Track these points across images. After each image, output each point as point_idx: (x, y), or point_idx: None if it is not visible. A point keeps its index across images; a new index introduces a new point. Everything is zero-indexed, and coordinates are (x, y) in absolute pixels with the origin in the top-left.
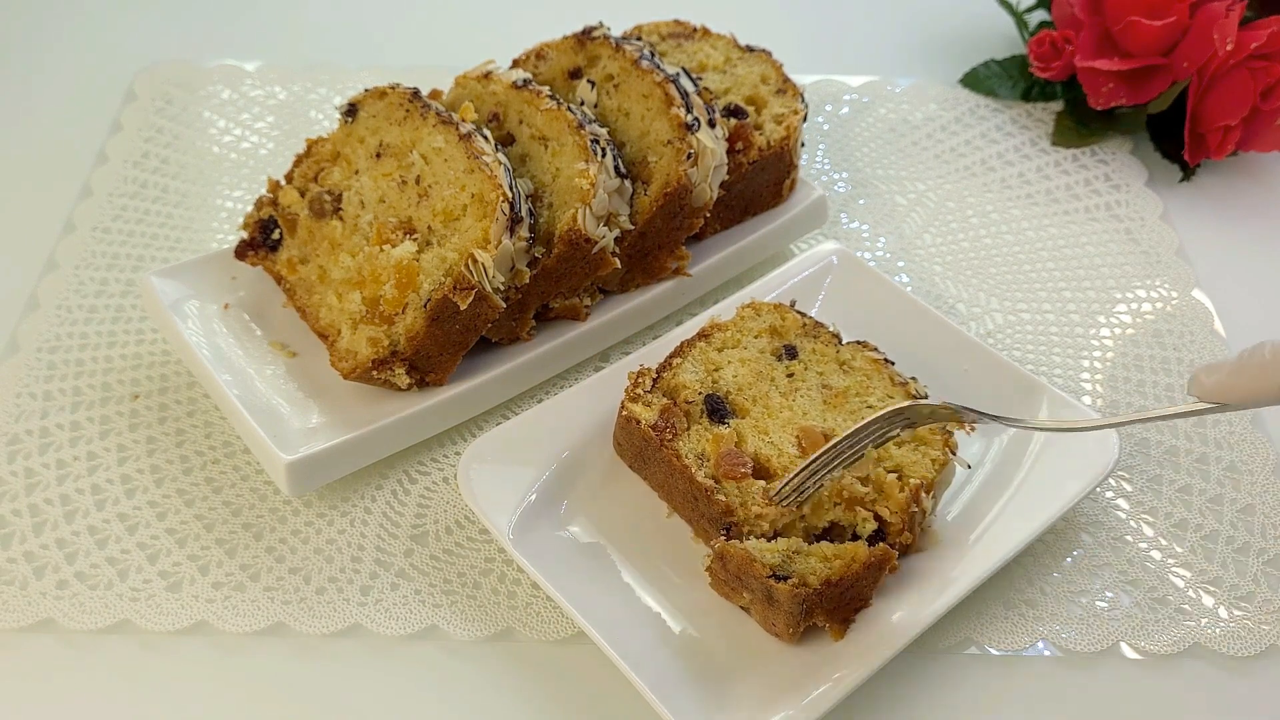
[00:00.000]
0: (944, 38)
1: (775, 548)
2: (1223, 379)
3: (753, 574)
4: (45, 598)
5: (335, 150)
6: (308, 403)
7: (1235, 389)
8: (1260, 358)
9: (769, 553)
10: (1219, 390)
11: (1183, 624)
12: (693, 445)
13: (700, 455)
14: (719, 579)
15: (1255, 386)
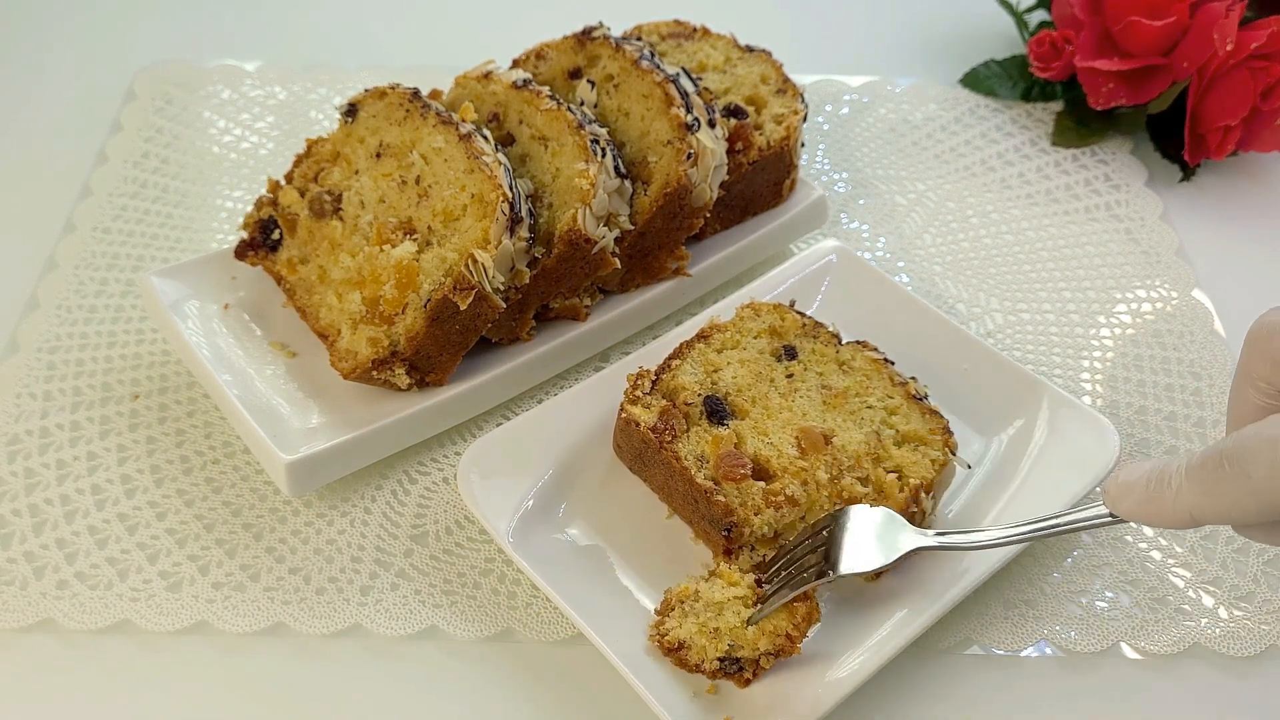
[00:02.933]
0: (944, 38)
1: (718, 645)
2: (1132, 505)
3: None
4: (45, 598)
5: (335, 150)
6: (308, 403)
7: (1143, 514)
8: (1165, 485)
9: (711, 650)
10: (1129, 513)
11: (1183, 624)
12: (692, 447)
13: (700, 457)
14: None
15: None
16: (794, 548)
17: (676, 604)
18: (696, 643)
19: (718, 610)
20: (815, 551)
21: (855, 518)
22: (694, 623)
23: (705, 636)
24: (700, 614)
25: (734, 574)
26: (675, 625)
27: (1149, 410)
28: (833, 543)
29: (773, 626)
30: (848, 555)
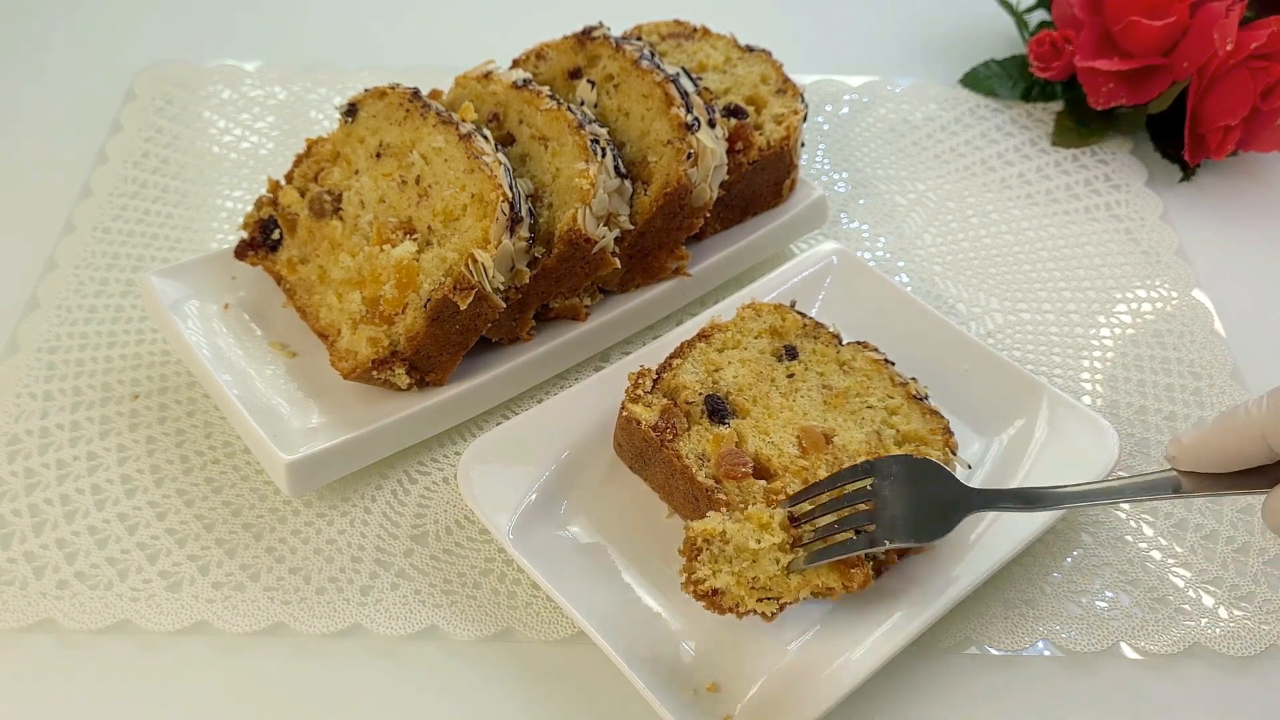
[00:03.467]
0: (944, 38)
1: (756, 594)
2: (1201, 436)
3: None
4: (45, 598)
5: (335, 150)
6: (308, 403)
7: (1212, 444)
8: (1236, 413)
9: (749, 599)
10: (1196, 447)
11: (1183, 624)
12: (693, 445)
13: (701, 455)
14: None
15: (1233, 439)
16: (832, 485)
17: (703, 545)
18: (734, 591)
19: (752, 558)
20: (863, 503)
21: (904, 471)
22: (729, 573)
23: (743, 587)
24: (734, 562)
25: (764, 515)
26: (709, 574)
27: (1149, 410)
28: (884, 502)
29: (819, 579)
30: (904, 521)
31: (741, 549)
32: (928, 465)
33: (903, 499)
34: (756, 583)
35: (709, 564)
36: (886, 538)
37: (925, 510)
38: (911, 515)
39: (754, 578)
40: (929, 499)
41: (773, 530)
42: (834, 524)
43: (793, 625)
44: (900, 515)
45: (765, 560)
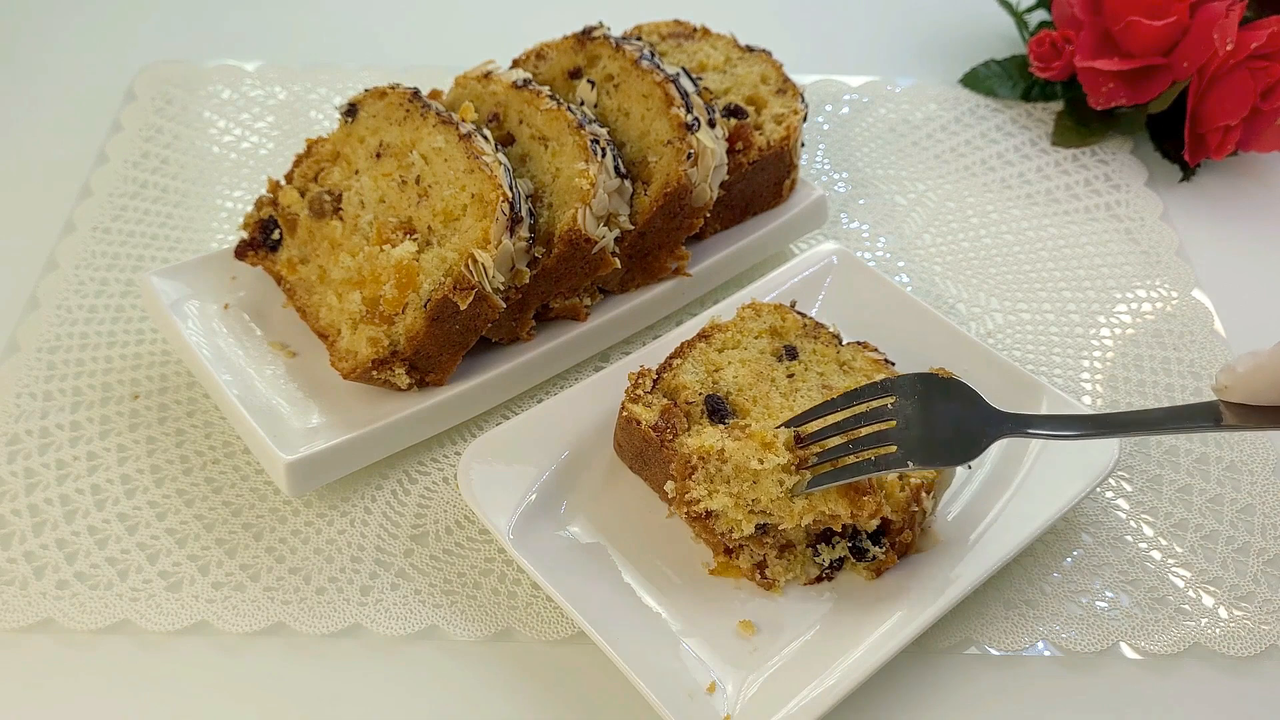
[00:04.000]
0: (944, 37)
1: (754, 519)
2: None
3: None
4: (45, 598)
5: (335, 150)
6: (308, 403)
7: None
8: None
9: (745, 524)
10: (1251, 376)
11: (1183, 624)
12: (694, 449)
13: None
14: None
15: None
16: (847, 404)
17: (699, 463)
18: (730, 515)
19: (753, 479)
20: (881, 423)
21: (928, 390)
22: (727, 494)
23: (741, 510)
24: (733, 482)
25: (767, 433)
26: (704, 495)
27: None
28: (905, 422)
29: (825, 505)
30: (929, 442)
31: (741, 469)
32: (954, 384)
33: (927, 419)
34: (756, 506)
35: (704, 483)
36: (910, 459)
37: (952, 431)
38: (937, 436)
39: (754, 500)
40: (956, 420)
41: (777, 450)
42: (846, 445)
43: (792, 625)
44: (925, 436)
45: (767, 482)
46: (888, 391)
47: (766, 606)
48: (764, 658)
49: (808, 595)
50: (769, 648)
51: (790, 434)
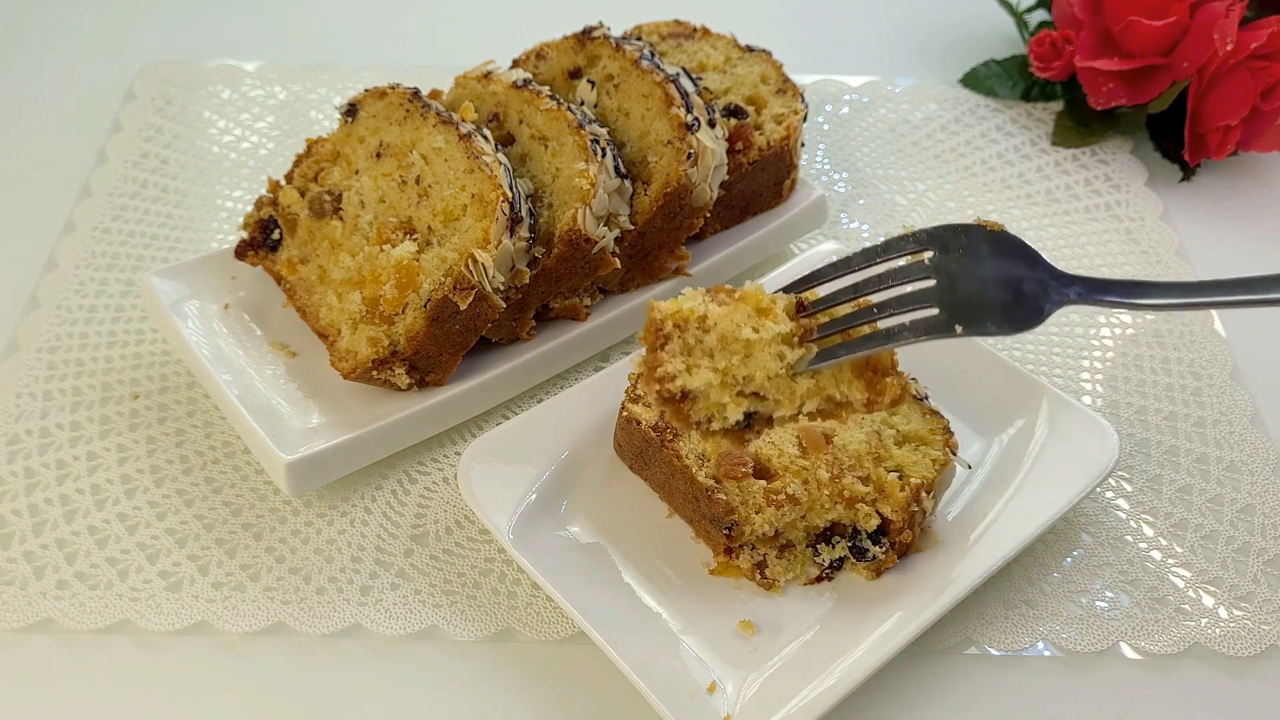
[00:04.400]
0: (944, 37)
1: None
2: None
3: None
4: (45, 598)
5: (335, 150)
6: (308, 403)
7: None
8: None
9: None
10: None
11: (1183, 624)
12: (693, 445)
13: (701, 455)
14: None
15: None
16: (872, 260)
17: (675, 332)
18: (713, 396)
19: (744, 352)
20: (912, 284)
21: (977, 244)
22: (709, 368)
23: (727, 391)
24: (718, 355)
25: (762, 296)
26: (681, 368)
27: (1149, 410)
28: (950, 279)
29: (835, 386)
30: (979, 304)
31: (730, 338)
32: (1007, 239)
33: (977, 277)
34: (747, 385)
35: (681, 355)
36: (959, 322)
37: (1009, 293)
38: (991, 297)
39: (745, 378)
40: (1012, 280)
41: (775, 316)
42: (866, 311)
43: (792, 625)
44: (975, 296)
45: (763, 355)
46: (924, 244)
47: (766, 606)
48: (764, 658)
49: (808, 595)
50: (769, 648)
51: (791, 300)
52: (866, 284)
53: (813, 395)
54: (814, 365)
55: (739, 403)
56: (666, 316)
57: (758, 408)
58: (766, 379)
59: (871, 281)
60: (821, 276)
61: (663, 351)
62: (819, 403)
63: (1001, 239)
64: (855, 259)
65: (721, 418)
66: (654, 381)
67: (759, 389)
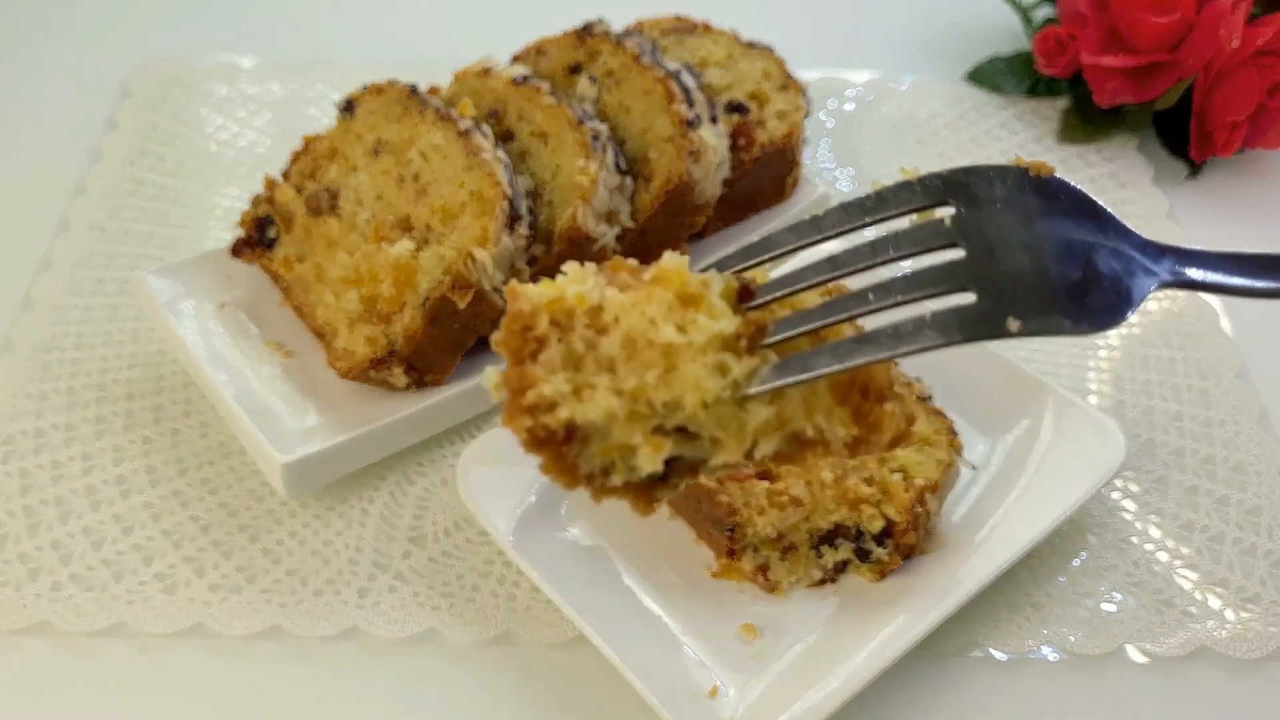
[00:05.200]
0: (948, 32)
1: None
2: None
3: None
4: (40, 600)
5: (332, 147)
6: (305, 403)
7: None
8: None
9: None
10: None
11: (1189, 626)
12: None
13: None
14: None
15: None
16: (850, 224)
17: (551, 332)
18: (613, 435)
19: (662, 363)
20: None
21: (1019, 198)
22: (609, 389)
23: (638, 425)
24: (623, 369)
25: (687, 277)
26: (564, 390)
27: (1155, 410)
28: (985, 248)
29: (807, 418)
30: (1040, 285)
31: (641, 343)
32: (1062, 188)
33: (1028, 244)
34: (670, 416)
35: (564, 370)
36: (1013, 314)
37: (1076, 268)
38: (1054, 275)
39: (667, 405)
40: (1079, 250)
41: (709, 308)
42: (866, 295)
43: (795, 628)
44: (1030, 274)
45: (694, 368)
46: (940, 195)
47: (769, 609)
48: (767, 661)
49: (811, 598)
50: (772, 651)
51: (731, 282)
52: (851, 256)
53: (770, 431)
54: (773, 384)
55: (657, 445)
56: (538, 307)
57: (685, 451)
58: (700, 407)
59: (860, 253)
60: (777, 244)
61: (533, 364)
62: (779, 443)
63: (1055, 188)
64: (829, 217)
65: (627, 468)
66: (520, 413)
67: (688, 422)
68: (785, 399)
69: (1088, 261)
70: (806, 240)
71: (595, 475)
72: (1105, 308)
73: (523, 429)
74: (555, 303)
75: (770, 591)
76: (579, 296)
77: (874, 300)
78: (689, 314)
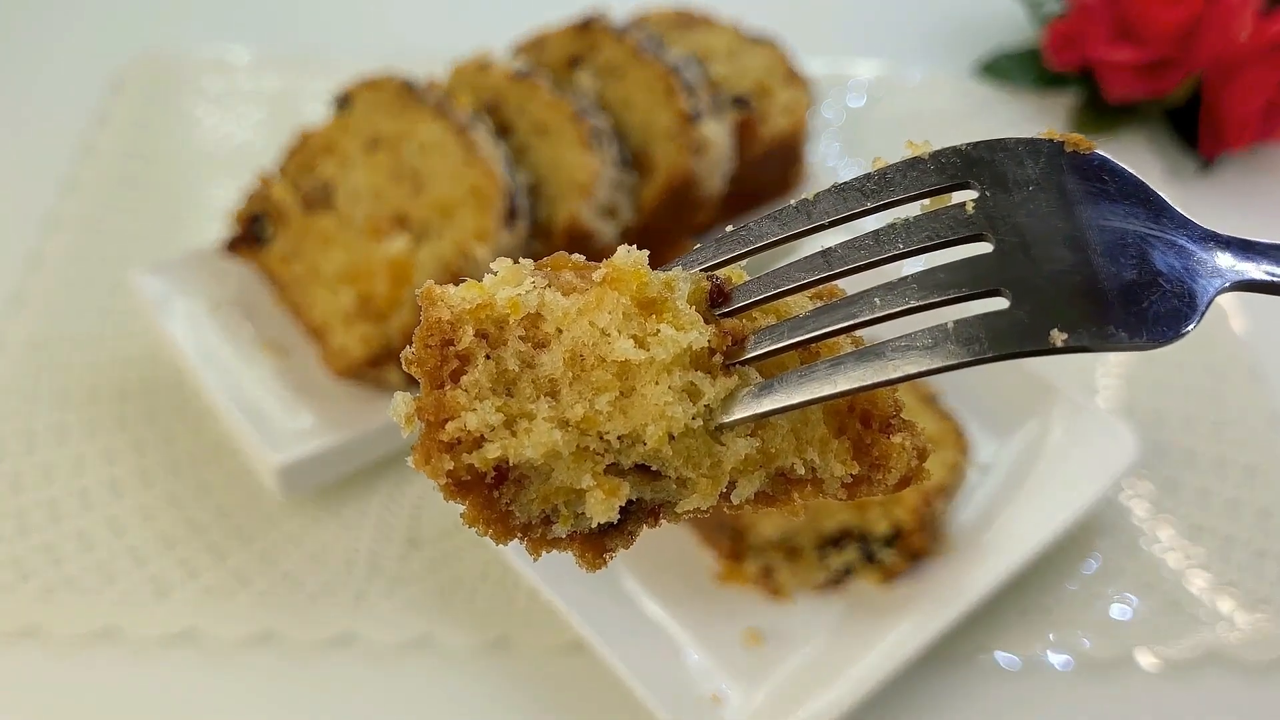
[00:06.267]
0: (956, 23)
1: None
2: None
3: None
4: (32, 603)
5: (328, 142)
6: (300, 403)
7: None
8: None
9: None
10: None
11: (1200, 630)
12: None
13: None
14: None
15: None
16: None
17: (477, 346)
18: (557, 477)
19: (617, 385)
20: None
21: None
22: (549, 419)
23: (586, 463)
24: (565, 393)
25: (646, 276)
26: (493, 422)
27: (1166, 411)
28: (1018, 236)
29: (797, 453)
30: (1090, 286)
31: (590, 360)
32: (1108, 169)
33: (1070, 236)
34: (628, 453)
35: (491, 395)
36: (1055, 324)
37: (1130, 267)
38: (1104, 275)
39: (624, 439)
40: (1132, 243)
41: (674, 315)
42: (870, 299)
43: (801, 634)
44: (1078, 272)
45: (656, 391)
46: (959, 175)
47: (774, 615)
48: (771, 667)
49: (816, 603)
50: (776, 657)
51: (699, 281)
52: (849, 251)
53: (751, 469)
54: (755, 412)
55: (611, 488)
56: (460, 316)
57: (646, 493)
58: (664, 440)
59: (861, 246)
60: (757, 236)
61: (455, 388)
62: (761, 483)
63: (1098, 167)
64: (822, 202)
65: (574, 515)
66: (438, 450)
67: (649, 459)
68: (770, 429)
69: (1142, 258)
70: (794, 231)
71: (534, 525)
72: (1166, 315)
73: (441, 472)
74: (482, 309)
75: (775, 596)
76: (512, 302)
77: (880, 306)
78: (650, 323)
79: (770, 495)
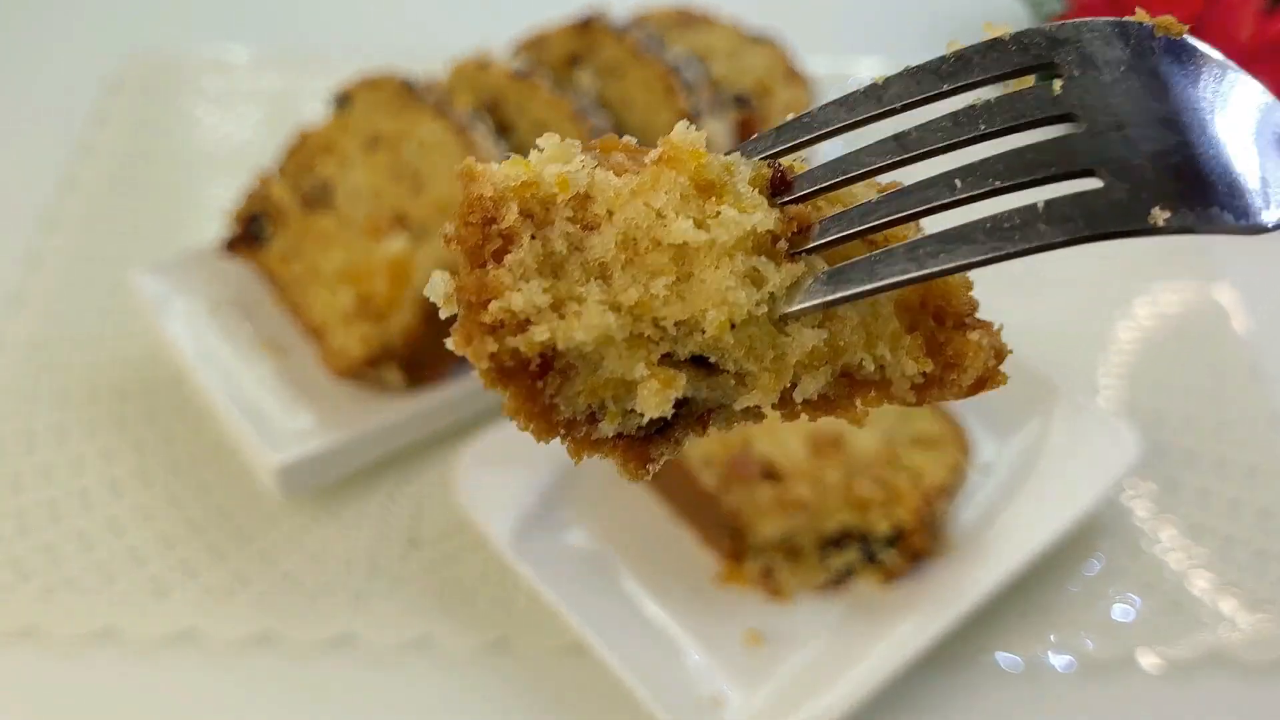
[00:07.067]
0: (957, 22)
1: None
2: None
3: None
4: (32, 603)
5: (327, 141)
6: (299, 403)
7: None
8: None
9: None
10: None
11: (1201, 631)
12: (699, 449)
13: (706, 459)
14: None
15: None
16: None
17: (521, 225)
18: (607, 364)
19: (674, 269)
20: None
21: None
22: (601, 302)
23: (639, 351)
24: (617, 276)
25: (705, 159)
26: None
27: (1166, 411)
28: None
29: (868, 348)
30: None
31: (645, 241)
32: (1199, 53)
33: (1167, 118)
34: (685, 341)
35: (539, 276)
36: (1157, 201)
37: (1236, 147)
38: (1206, 155)
39: (680, 325)
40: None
41: (735, 197)
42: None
43: (802, 635)
44: (1179, 153)
45: (717, 276)
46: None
47: (775, 616)
48: (772, 669)
49: (817, 604)
50: (777, 658)
51: (760, 167)
52: (925, 134)
53: (817, 364)
54: (824, 299)
55: (667, 379)
56: (503, 194)
57: (701, 390)
58: (725, 328)
59: (938, 129)
60: (822, 122)
61: (498, 267)
62: (826, 381)
63: (1192, 52)
64: (894, 86)
65: (621, 411)
66: (480, 332)
67: (708, 349)
68: (838, 321)
69: (1244, 143)
70: (862, 115)
71: (578, 422)
72: (1274, 203)
73: (484, 355)
74: (527, 187)
75: (775, 597)
76: (560, 179)
77: (961, 188)
78: (710, 205)
79: (831, 399)
